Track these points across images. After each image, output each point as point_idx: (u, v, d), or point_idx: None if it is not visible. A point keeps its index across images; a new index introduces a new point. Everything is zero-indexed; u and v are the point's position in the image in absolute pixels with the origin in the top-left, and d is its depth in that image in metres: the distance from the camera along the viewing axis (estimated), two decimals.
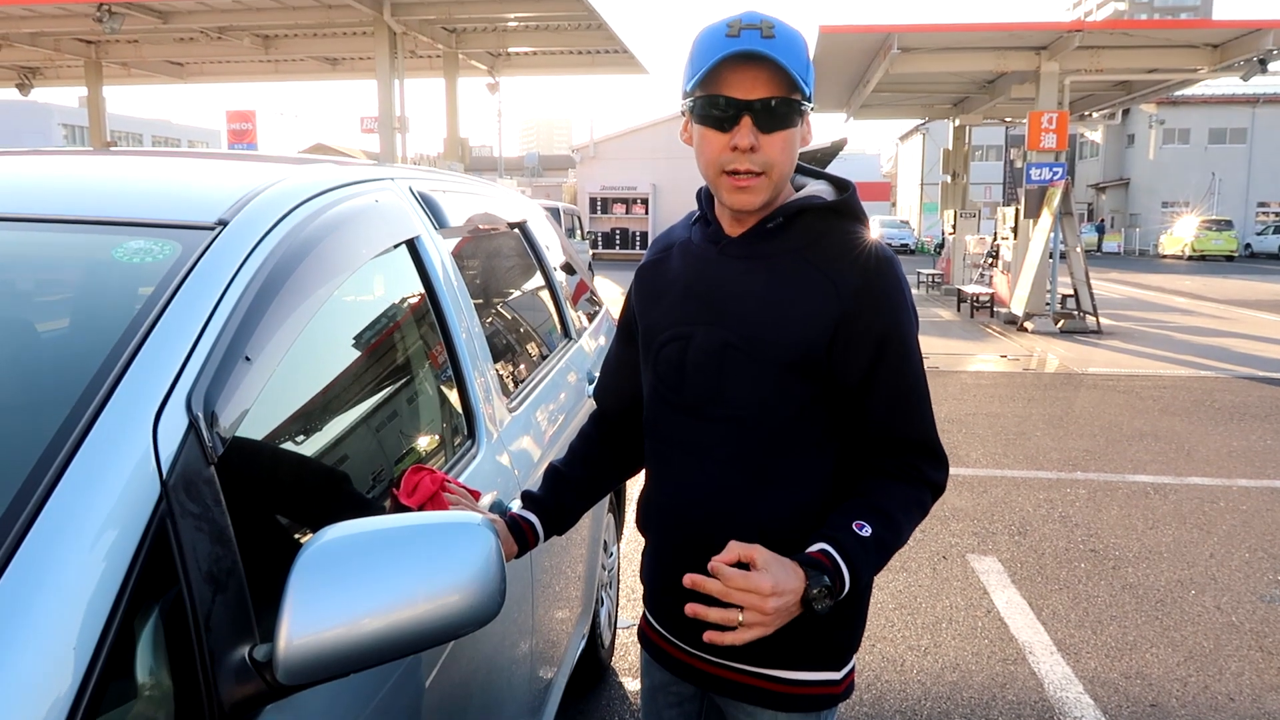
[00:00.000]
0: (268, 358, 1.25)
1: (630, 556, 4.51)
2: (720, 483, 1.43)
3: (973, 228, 18.97)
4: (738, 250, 1.44)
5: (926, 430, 1.44)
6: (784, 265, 1.41)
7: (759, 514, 1.41)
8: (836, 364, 1.39)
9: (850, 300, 1.37)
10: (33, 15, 14.59)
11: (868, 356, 1.38)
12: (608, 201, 33.96)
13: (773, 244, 1.42)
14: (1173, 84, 16.86)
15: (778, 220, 1.42)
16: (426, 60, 17.37)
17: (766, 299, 1.40)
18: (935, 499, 1.47)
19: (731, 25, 1.33)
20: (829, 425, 1.43)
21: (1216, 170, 44.47)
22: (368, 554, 1.08)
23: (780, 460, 1.41)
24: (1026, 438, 7.02)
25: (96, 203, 1.50)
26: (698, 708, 1.63)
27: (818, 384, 1.40)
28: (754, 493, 1.42)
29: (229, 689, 1.01)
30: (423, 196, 2.11)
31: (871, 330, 1.37)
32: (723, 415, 1.42)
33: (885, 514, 1.37)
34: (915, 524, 1.44)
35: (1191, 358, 10.97)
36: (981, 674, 3.44)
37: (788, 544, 1.35)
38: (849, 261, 1.39)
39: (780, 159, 1.36)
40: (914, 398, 1.43)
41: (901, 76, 15.28)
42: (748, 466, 1.42)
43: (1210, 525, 5.07)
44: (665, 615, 1.56)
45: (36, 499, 0.94)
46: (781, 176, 1.38)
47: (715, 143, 1.35)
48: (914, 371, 1.43)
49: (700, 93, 1.35)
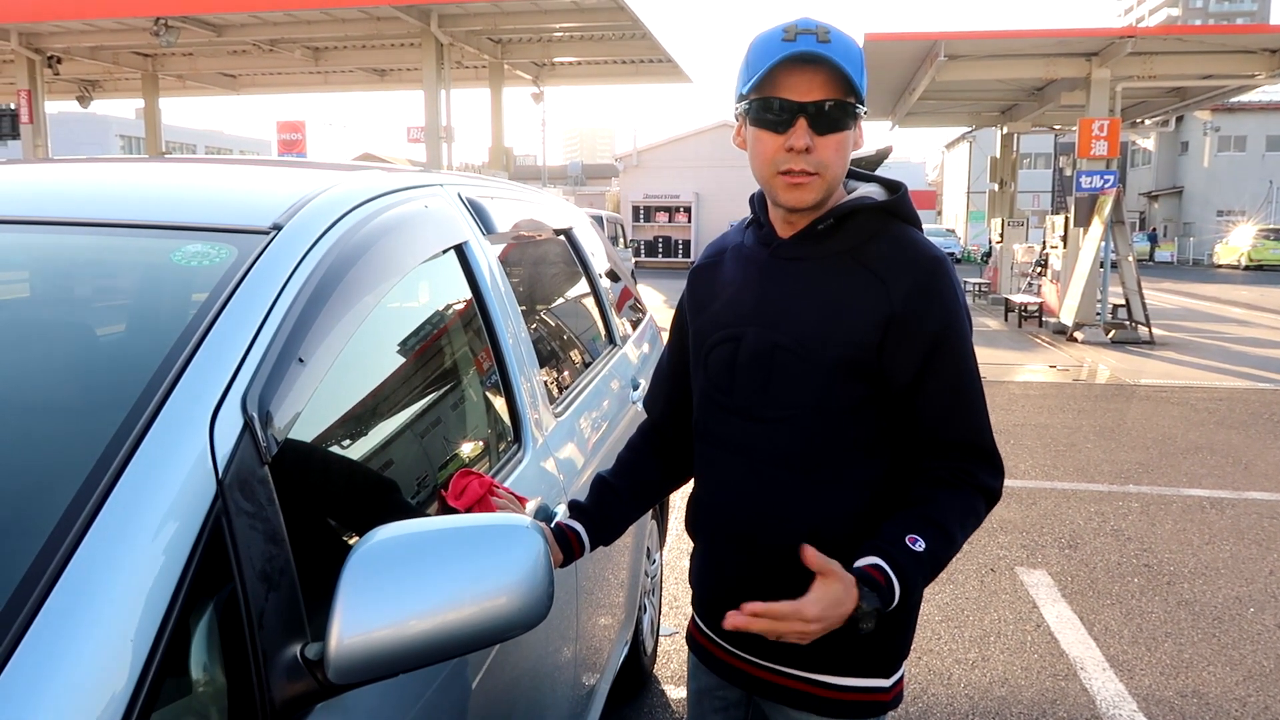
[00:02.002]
0: (320, 360, 1.27)
1: (673, 564, 4.50)
2: (770, 484, 1.43)
3: (1020, 236, 18.71)
4: (789, 252, 1.45)
5: (980, 433, 1.42)
6: (835, 266, 1.41)
7: (808, 515, 1.41)
8: (887, 365, 1.38)
9: (901, 301, 1.37)
10: (93, 30, 15.01)
11: (919, 357, 1.38)
12: (650, 210, 34.00)
13: (824, 245, 1.43)
14: (1228, 90, 16.49)
15: (828, 222, 1.42)
16: (472, 71, 17.56)
17: (816, 300, 1.41)
18: (990, 505, 1.45)
19: (788, 30, 1.35)
20: (880, 427, 1.42)
21: (1274, 178, 43.36)
22: (417, 555, 1.08)
23: (830, 461, 1.41)
24: (1077, 449, 6.88)
25: (155, 208, 1.53)
26: (744, 714, 1.63)
27: (868, 385, 1.39)
28: (804, 494, 1.41)
29: (281, 687, 1.02)
30: (471, 202, 2.12)
31: (923, 331, 1.37)
32: (773, 416, 1.42)
33: (940, 526, 1.36)
34: (969, 533, 1.42)
35: (1248, 369, 10.69)
36: (1031, 689, 3.37)
37: (837, 544, 1.36)
38: (900, 262, 1.39)
39: (834, 160, 1.36)
40: (967, 400, 1.41)
41: (948, 84, 15.13)
42: (797, 467, 1.41)
43: (1270, 541, 4.93)
44: (713, 618, 1.55)
45: (98, 496, 0.96)
46: (834, 178, 1.39)
47: (770, 144, 1.37)
48: (967, 373, 1.41)
49: (755, 95, 1.36)
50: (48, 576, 0.89)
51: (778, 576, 1.39)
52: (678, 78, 18.33)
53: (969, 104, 19.38)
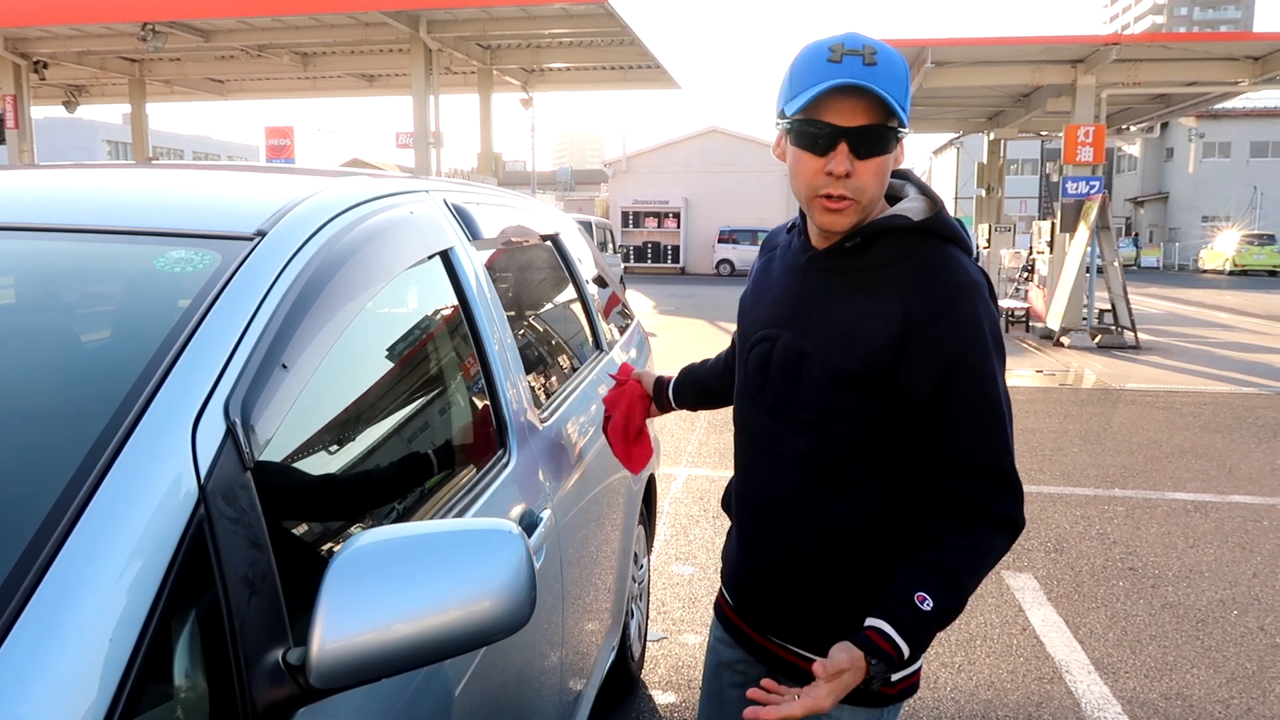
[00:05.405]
0: (304, 366, 1.27)
1: (660, 569, 4.50)
2: (790, 481, 1.50)
3: (1007, 242, 18.80)
4: (822, 263, 1.49)
5: (997, 458, 1.42)
6: (860, 282, 1.44)
7: (822, 515, 1.48)
8: (905, 383, 1.40)
9: (917, 322, 1.38)
10: (79, 34, 14.95)
11: (935, 379, 1.39)
12: (640, 216, 34.04)
13: (855, 260, 1.45)
14: (1213, 97, 16.63)
15: (855, 240, 1.44)
16: (461, 76, 17.55)
17: (838, 313, 1.44)
18: (1011, 535, 1.43)
19: (834, 50, 1.34)
20: (898, 438, 1.45)
21: (1258, 184, 43.71)
22: (400, 560, 1.09)
23: (846, 466, 1.46)
24: (1063, 453, 6.92)
25: (139, 214, 1.53)
26: None
27: (882, 399, 1.42)
28: (819, 494, 1.48)
29: (263, 692, 1.02)
30: (457, 209, 2.13)
31: (939, 353, 1.38)
32: (797, 418, 1.48)
33: (949, 577, 1.38)
34: (986, 572, 1.43)
35: (1233, 374, 10.76)
36: (1017, 692, 3.39)
37: (848, 544, 1.46)
38: (923, 283, 1.40)
39: (872, 184, 1.39)
40: (986, 425, 1.41)
41: (935, 90, 15.20)
42: (815, 469, 1.47)
43: (1253, 544, 4.96)
44: (739, 597, 1.66)
45: (79, 502, 0.96)
46: (871, 200, 1.41)
47: (810, 166, 1.38)
48: (987, 397, 1.40)
49: (799, 116, 1.36)
50: (28, 582, 0.89)
51: (798, 566, 1.51)
52: (667, 84, 18.37)
53: (956, 110, 19.49)
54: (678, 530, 5.13)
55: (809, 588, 1.51)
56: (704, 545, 4.87)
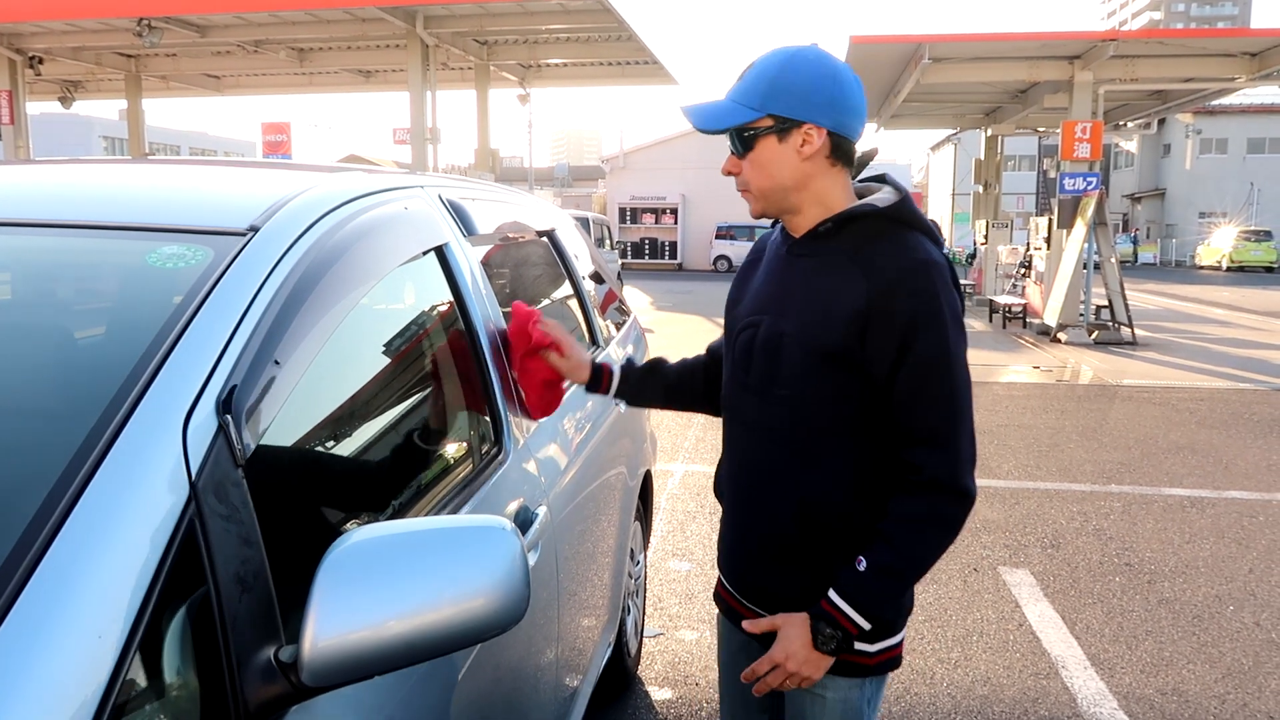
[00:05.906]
0: (296, 362, 1.27)
1: (657, 565, 4.50)
2: (771, 457, 1.60)
3: (1005, 238, 18.80)
4: (800, 250, 1.60)
5: (942, 424, 1.49)
6: (832, 264, 1.55)
7: (800, 487, 1.57)
8: (870, 355, 1.49)
9: (876, 296, 1.48)
10: (75, 30, 14.91)
11: (892, 350, 1.47)
12: (637, 212, 34.00)
13: (828, 244, 1.57)
14: (1210, 93, 16.62)
15: (827, 225, 1.56)
16: (458, 72, 17.52)
17: (812, 293, 1.55)
18: (951, 497, 1.50)
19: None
20: (866, 413, 1.53)
21: (1255, 180, 43.73)
22: (393, 557, 1.08)
23: (821, 441, 1.55)
24: (1059, 450, 6.93)
25: (132, 210, 1.53)
26: None
27: (851, 374, 1.51)
28: (797, 468, 1.57)
29: (254, 690, 1.02)
30: (452, 204, 2.12)
31: (894, 323, 1.47)
32: (776, 394, 1.57)
33: (886, 539, 1.50)
34: (933, 534, 1.51)
35: (1229, 370, 10.78)
36: (1013, 688, 3.39)
37: (825, 513, 1.55)
38: (885, 262, 1.50)
39: (756, 177, 1.56)
40: (934, 394, 1.49)
41: (933, 86, 15.19)
42: (793, 444, 1.57)
43: (1249, 540, 4.97)
44: (733, 577, 1.74)
45: (69, 498, 0.96)
46: (768, 189, 1.56)
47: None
48: (939, 368, 1.49)
49: None
50: (18, 578, 0.89)
51: (778, 535, 1.60)
52: (664, 79, 18.35)
53: (954, 106, 19.47)
54: (674, 526, 5.13)
55: (787, 557, 1.60)
56: (700, 541, 4.87)
